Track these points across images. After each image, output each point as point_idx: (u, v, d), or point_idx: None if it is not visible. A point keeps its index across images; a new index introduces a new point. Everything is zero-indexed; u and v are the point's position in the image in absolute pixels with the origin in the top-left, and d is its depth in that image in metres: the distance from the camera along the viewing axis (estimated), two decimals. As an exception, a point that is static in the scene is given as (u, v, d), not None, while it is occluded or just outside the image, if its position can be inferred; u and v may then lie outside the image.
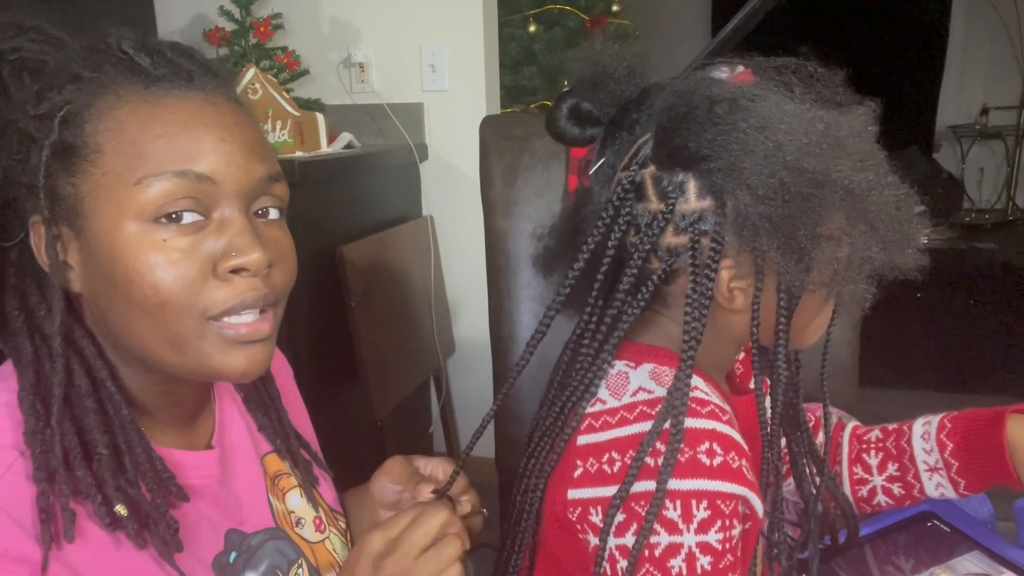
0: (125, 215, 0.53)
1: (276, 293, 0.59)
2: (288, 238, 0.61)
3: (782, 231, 0.59)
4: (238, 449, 0.70)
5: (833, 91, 0.65)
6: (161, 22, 2.14)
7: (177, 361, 0.57)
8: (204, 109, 0.56)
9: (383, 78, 2.06)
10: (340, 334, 1.69)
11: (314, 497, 0.76)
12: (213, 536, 0.64)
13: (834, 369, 1.15)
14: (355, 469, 0.87)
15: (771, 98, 0.61)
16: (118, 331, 0.57)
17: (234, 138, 0.56)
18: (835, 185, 0.59)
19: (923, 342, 3.04)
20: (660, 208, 0.63)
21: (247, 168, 0.56)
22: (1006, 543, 0.82)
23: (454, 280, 2.15)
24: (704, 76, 0.65)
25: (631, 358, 0.69)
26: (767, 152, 0.58)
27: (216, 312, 0.56)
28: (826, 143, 0.59)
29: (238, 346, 0.57)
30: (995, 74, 5.09)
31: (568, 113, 0.67)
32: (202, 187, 0.54)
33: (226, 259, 0.55)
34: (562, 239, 0.74)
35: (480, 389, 2.13)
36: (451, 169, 2.09)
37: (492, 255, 1.21)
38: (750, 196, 0.59)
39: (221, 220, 0.56)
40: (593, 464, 0.65)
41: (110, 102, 0.54)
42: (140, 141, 0.53)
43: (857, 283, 0.63)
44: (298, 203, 1.76)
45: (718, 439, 0.62)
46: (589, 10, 2.73)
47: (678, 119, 0.62)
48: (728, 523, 0.60)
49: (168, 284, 0.54)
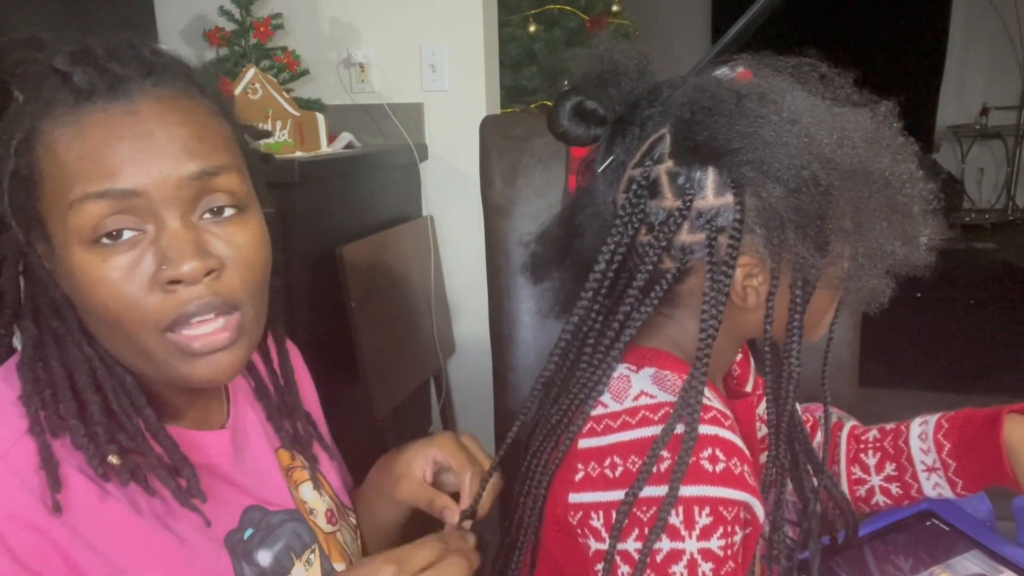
0: (69, 239, 0.54)
1: (232, 296, 0.57)
2: (250, 232, 0.59)
3: (810, 224, 0.59)
4: (252, 435, 0.71)
5: (848, 91, 0.65)
6: (161, 22, 2.14)
7: (148, 371, 0.59)
8: (121, 120, 0.54)
9: (383, 78, 2.06)
10: (340, 334, 1.69)
11: (326, 492, 0.76)
12: (226, 513, 0.64)
13: (834, 369, 1.15)
14: (355, 469, 0.87)
15: (798, 93, 0.61)
16: (100, 339, 0.59)
17: (154, 143, 0.54)
18: (871, 177, 0.59)
19: (923, 342, 3.04)
20: (676, 205, 0.62)
21: (172, 171, 0.54)
22: (1005, 542, 0.82)
23: (454, 280, 2.15)
24: (723, 73, 0.65)
25: (633, 362, 0.68)
26: (800, 145, 0.58)
27: (166, 325, 0.55)
28: (859, 136, 0.60)
29: (198, 356, 0.57)
30: (995, 74, 5.09)
31: (571, 111, 0.66)
32: (129, 203, 0.54)
33: (159, 271, 0.55)
34: (553, 244, 0.73)
35: (480, 389, 2.13)
36: (451, 169, 2.09)
37: (492, 255, 1.21)
38: (781, 189, 0.58)
39: (157, 231, 0.55)
40: (595, 468, 0.64)
41: (47, 126, 0.54)
42: (68, 164, 0.53)
43: (876, 278, 0.63)
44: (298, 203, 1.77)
45: (721, 445, 0.61)
46: (589, 10, 2.73)
47: (703, 113, 0.61)
48: (730, 529, 0.60)
49: (115, 303, 0.55)
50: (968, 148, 5.15)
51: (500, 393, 1.20)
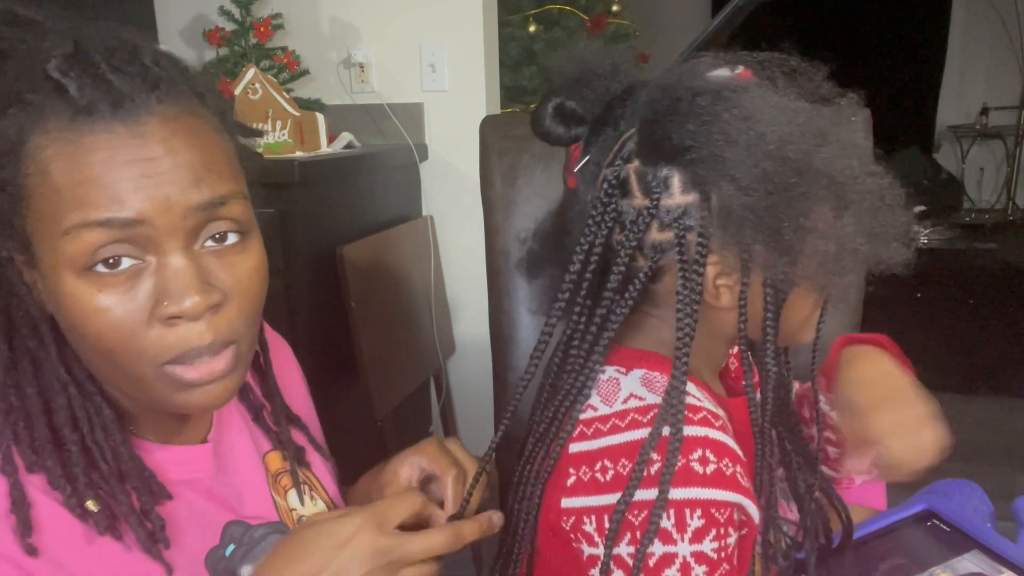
0: (60, 265, 0.51)
1: (231, 332, 0.55)
2: (251, 260, 0.57)
3: (766, 223, 0.59)
4: (237, 445, 0.70)
5: (816, 85, 0.64)
6: (161, 22, 2.14)
7: (143, 398, 0.57)
8: (127, 143, 0.50)
9: (383, 78, 2.06)
10: (340, 334, 1.69)
11: (319, 495, 0.76)
12: (206, 531, 0.63)
13: (834, 369, 1.15)
14: (355, 469, 0.87)
15: (754, 90, 0.61)
16: (85, 362, 0.57)
17: (162, 170, 0.51)
18: (817, 174, 0.59)
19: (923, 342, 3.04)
20: (645, 204, 0.62)
21: (179, 200, 0.51)
22: (1006, 542, 0.82)
23: (454, 280, 2.15)
24: (688, 69, 0.64)
25: (621, 364, 0.68)
26: (749, 142, 0.58)
27: (165, 359, 0.54)
28: (808, 132, 0.59)
29: (194, 387, 0.55)
30: (995, 74, 5.09)
31: (553, 112, 0.67)
32: (131, 232, 0.50)
33: (160, 306, 0.52)
34: (547, 242, 0.73)
35: (480, 389, 2.13)
36: (451, 169, 2.09)
37: (492, 255, 1.21)
38: (734, 187, 0.58)
39: (158, 262, 0.52)
40: (586, 472, 0.64)
41: (38, 141, 0.50)
42: (64, 188, 0.49)
43: (844, 276, 0.62)
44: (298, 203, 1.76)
45: (711, 446, 0.61)
46: (589, 10, 2.73)
47: (662, 112, 0.61)
48: (723, 531, 0.59)
49: (110, 335, 0.52)
50: (968, 148, 5.15)
51: (500, 393, 1.20)
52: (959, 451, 0.75)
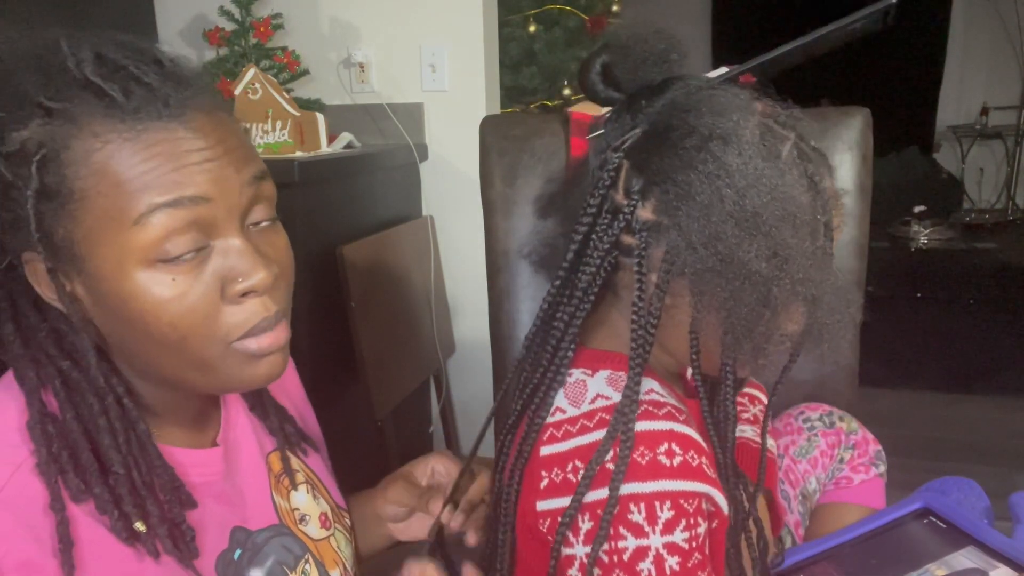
0: (128, 258, 0.52)
1: (285, 302, 0.60)
2: (284, 237, 0.62)
3: (705, 278, 0.60)
4: (243, 445, 0.70)
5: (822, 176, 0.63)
6: (161, 22, 2.14)
7: (204, 382, 0.59)
8: (183, 136, 0.53)
9: (383, 78, 2.06)
10: (340, 334, 1.69)
11: (321, 495, 0.76)
12: (219, 534, 0.64)
13: (834, 369, 1.15)
14: (355, 469, 0.88)
15: (746, 149, 0.60)
16: (140, 361, 0.58)
17: (217, 155, 0.54)
18: (741, 264, 0.59)
19: (923, 342, 3.04)
20: (624, 203, 0.64)
21: (235, 175, 0.55)
22: (1001, 536, 0.83)
23: (454, 280, 2.15)
24: (708, 98, 0.63)
25: (588, 365, 0.69)
26: (705, 202, 0.59)
27: (237, 336, 0.56)
28: (769, 212, 0.59)
29: (259, 359, 0.58)
30: (995, 74, 5.09)
31: (600, 69, 0.68)
32: (198, 210, 0.53)
33: (232, 283, 0.56)
34: (557, 199, 0.76)
35: (480, 389, 2.13)
36: (451, 169, 2.09)
37: (492, 255, 1.21)
38: (681, 239, 0.60)
39: (222, 243, 0.55)
40: (558, 474, 0.65)
41: (88, 144, 0.51)
42: (126, 181, 0.51)
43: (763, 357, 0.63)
44: (298, 203, 1.76)
45: (676, 439, 0.62)
46: (589, 10, 2.74)
47: (660, 130, 0.62)
48: (693, 521, 0.61)
49: (186, 320, 0.54)
50: (968, 148, 5.14)
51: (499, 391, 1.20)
52: (958, 450, 0.76)
